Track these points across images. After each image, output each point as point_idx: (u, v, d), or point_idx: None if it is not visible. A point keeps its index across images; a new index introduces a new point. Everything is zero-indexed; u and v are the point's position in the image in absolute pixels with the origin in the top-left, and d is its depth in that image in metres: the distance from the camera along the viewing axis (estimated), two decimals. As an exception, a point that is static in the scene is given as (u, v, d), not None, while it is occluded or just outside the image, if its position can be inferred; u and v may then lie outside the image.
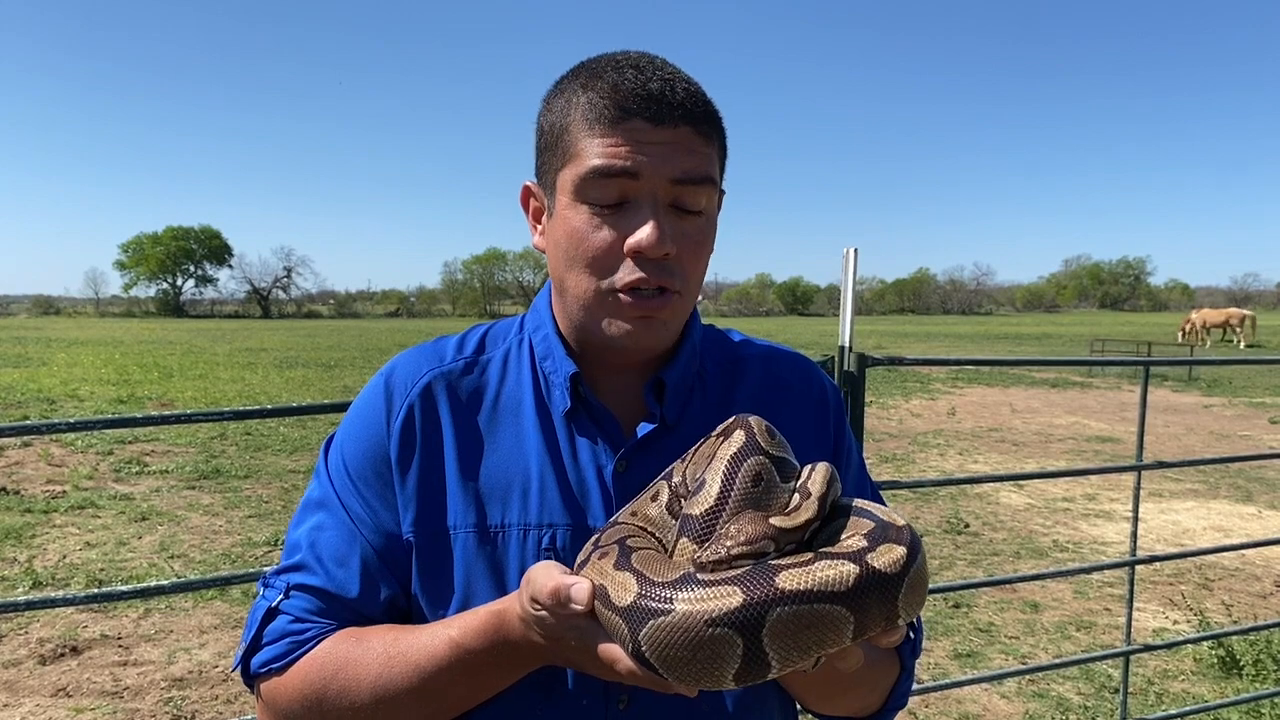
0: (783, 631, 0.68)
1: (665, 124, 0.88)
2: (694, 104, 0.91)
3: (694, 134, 0.91)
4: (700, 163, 0.91)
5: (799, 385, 1.08)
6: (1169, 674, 4.24)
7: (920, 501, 7.42)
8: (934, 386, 16.67)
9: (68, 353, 24.23)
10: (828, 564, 0.70)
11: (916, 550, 0.73)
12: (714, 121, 0.94)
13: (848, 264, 2.03)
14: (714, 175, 0.93)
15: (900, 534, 0.74)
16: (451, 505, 0.94)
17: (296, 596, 0.94)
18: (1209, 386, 17.01)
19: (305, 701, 0.90)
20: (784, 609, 0.67)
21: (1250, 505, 7.63)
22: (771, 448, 0.83)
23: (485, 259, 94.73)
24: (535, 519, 0.93)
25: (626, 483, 0.95)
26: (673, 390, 0.99)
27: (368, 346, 29.40)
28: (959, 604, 5.08)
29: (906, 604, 0.72)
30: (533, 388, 0.99)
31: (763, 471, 0.81)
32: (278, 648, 0.93)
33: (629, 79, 0.89)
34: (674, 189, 0.90)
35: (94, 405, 13.14)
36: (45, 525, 6.59)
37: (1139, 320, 61.68)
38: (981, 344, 33.85)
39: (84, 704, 3.84)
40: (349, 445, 0.99)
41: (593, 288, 0.92)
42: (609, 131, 0.88)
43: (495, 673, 0.86)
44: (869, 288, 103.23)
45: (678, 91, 0.90)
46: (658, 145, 0.88)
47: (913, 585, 0.72)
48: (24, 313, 77.92)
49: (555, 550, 0.92)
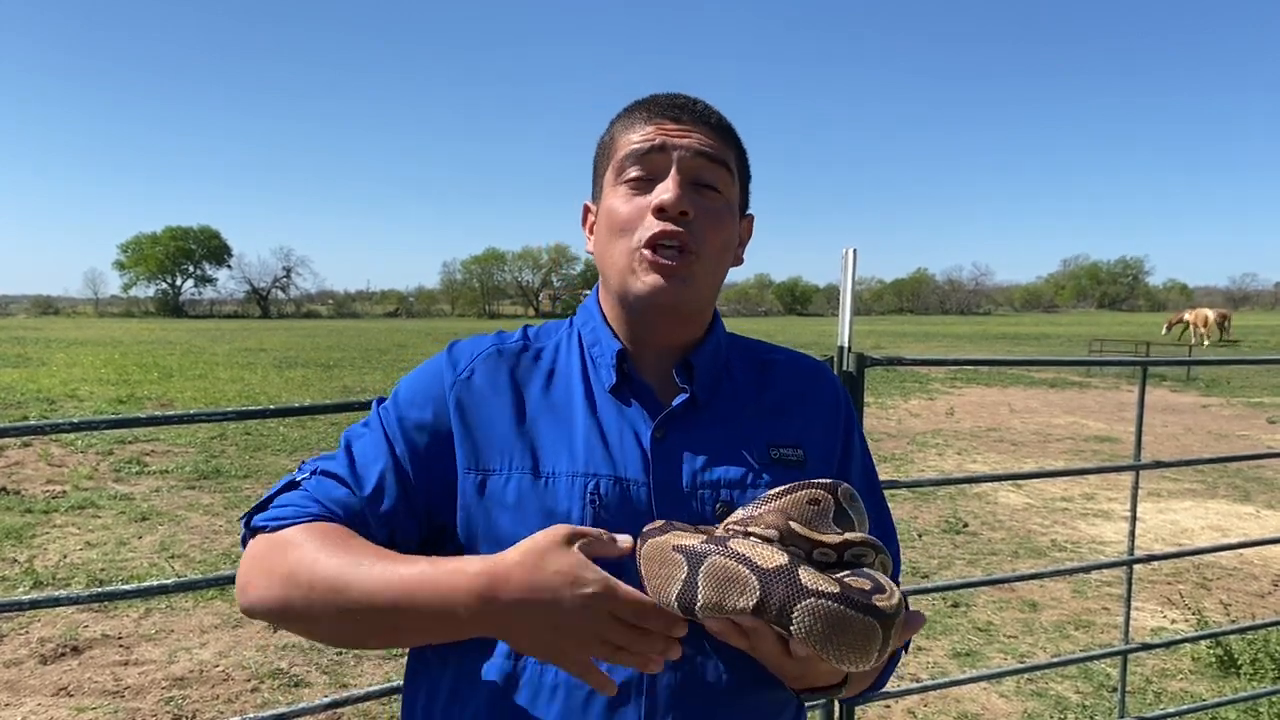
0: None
1: (686, 122, 1.09)
2: (711, 116, 1.11)
3: (711, 133, 1.10)
4: (717, 150, 1.09)
5: (816, 387, 1.21)
6: (1167, 673, 4.25)
7: (919, 501, 7.43)
8: (933, 386, 16.68)
9: (67, 353, 24.22)
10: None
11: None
12: (729, 136, 1.13)
13: (847, 264, 2.04)
14: (729, 162, 1.11)
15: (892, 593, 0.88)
16: (509, 451, 1.06)
17: (318, 480, 1.06)
18: (1207, 386, 17.03)
19: (262, 562, 1.00)
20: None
21: (1248, 505, 7.65)
22: (842, 496, 0.96)
23: (484, 259, 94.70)
24: (583, 468, 1.04)
25: (663, 449, 1.07)
26: (701, 370, 1.13)
27: (367, 346, 29.40)
28: (958, 603, 5.09)
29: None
30: (581, 369, 1.13)
31: (823, 502, 0.94)
32: (280, 512, 1.04)
33: (660, 98, 1.12)
34: (694, 162, 1.07)
35: (93, 405, 13.14)
36: (45, 525, 6.59)
37: (1137, 320, 61.70)
38: (980, 344, 33.87)
39: (85, 703, 3.85)
40: (404, 392, 1.12)
41: (625, 249, 1.08)
42: (641, 127, 1.09)
43: (434, 626, 0.93)
44: (868, 288, 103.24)
45: (699, 105, 1.12)
46: (680, 132, 1.08)
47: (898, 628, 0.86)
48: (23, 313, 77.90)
49: (599, 495, 1.03)
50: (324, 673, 4.16)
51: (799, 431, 1.14)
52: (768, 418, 1.13)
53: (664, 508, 1.03)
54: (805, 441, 1.13)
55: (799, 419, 1.15)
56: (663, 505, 1.03)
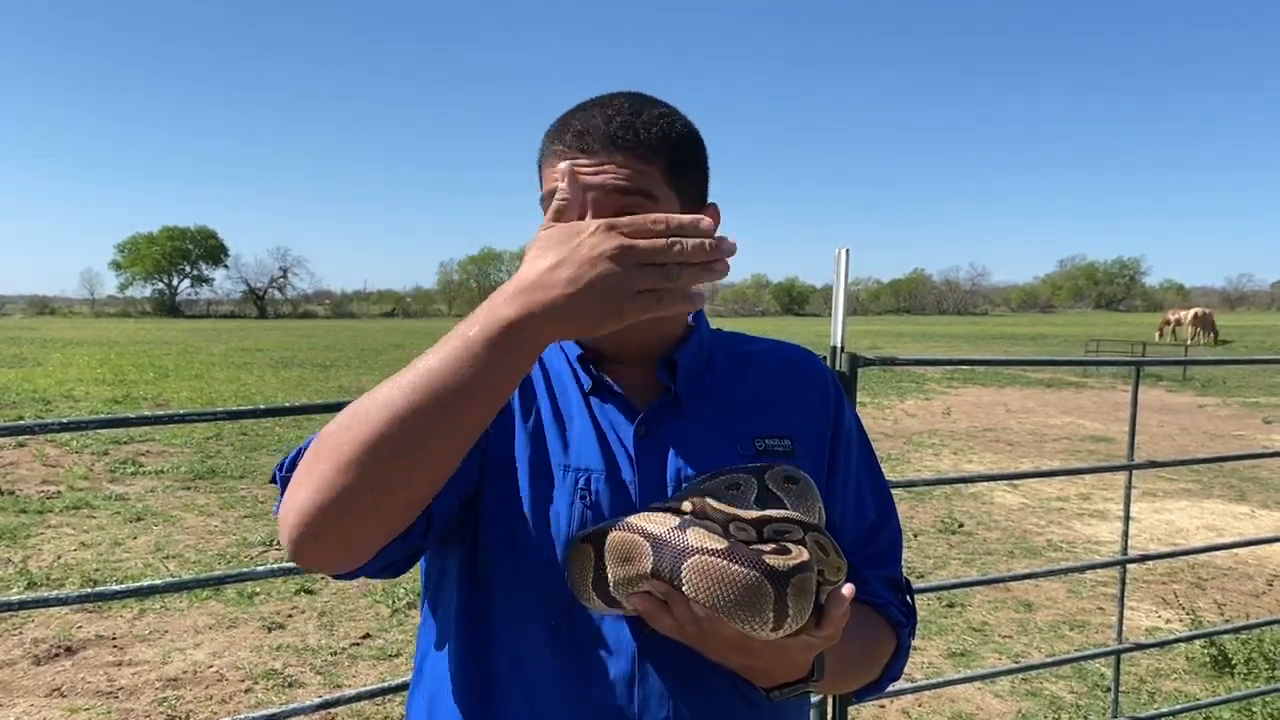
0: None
1: (597, 152, 1.03)
2: (628, 133, 1.03)
3: (628, 157, 1.03)
4: (633, 179, 1.02)
5: (802, 372, 1.19)
6: (1162, 672, 4.26)
7: (915, 501, 7.44)
8: (929, 387, 16.71)
9: (63, 353, 24.18)
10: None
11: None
12: (653, 146, 1.05)
13: (839, 265, 2.04)
14: (649, 189, 1.04)
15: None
16: (519, 444, 1.07)
17: None
18: (1203, 386, 17.07)
19: (298, 473, 0.90)
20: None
21: (1243, 505, 7.67)
22: (771, 479, 0.98)
23: (481, 259, 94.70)
24: (575, 462, 1.06)
25: (647, 446, 1.07)
26: (684, 369, 1.11)
27: (364, 347, 29.38)
28: (953, 603, 5.10)
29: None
30: (570, 368, 1.14)
31: (744, 485, 0.97)
32: (304, 445, 0.95)
33: (577, 119, 1.05)
34: (609, 201, 1.01)
35: (89, 405, 13.12)
36: (40, 525, 6.58)
37: (1134, 321, 61.80)
38: (977, 344, 33.93)
39: (78, 704, 3.84)
40: None
41: None
42: (555, 162, 1.04)
43: (490, 357, 0.84)
44: (864, 288, 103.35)
45: (613, 125, 1.03)
46: (592, 168, 1.02)
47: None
48: (19, 313, 77.73)
49: (589, 490, 1.04)
50: (317, 673, 4.16)
51: (786, 421, 1.13)
52: (753, 409, 1.13)
53: (650, 503, 1.02)
54: (794, 430, 1.12)
55: (785, 408, 1.14)
56: (648, 502, 1.03)
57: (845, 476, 1.17)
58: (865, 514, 1.19)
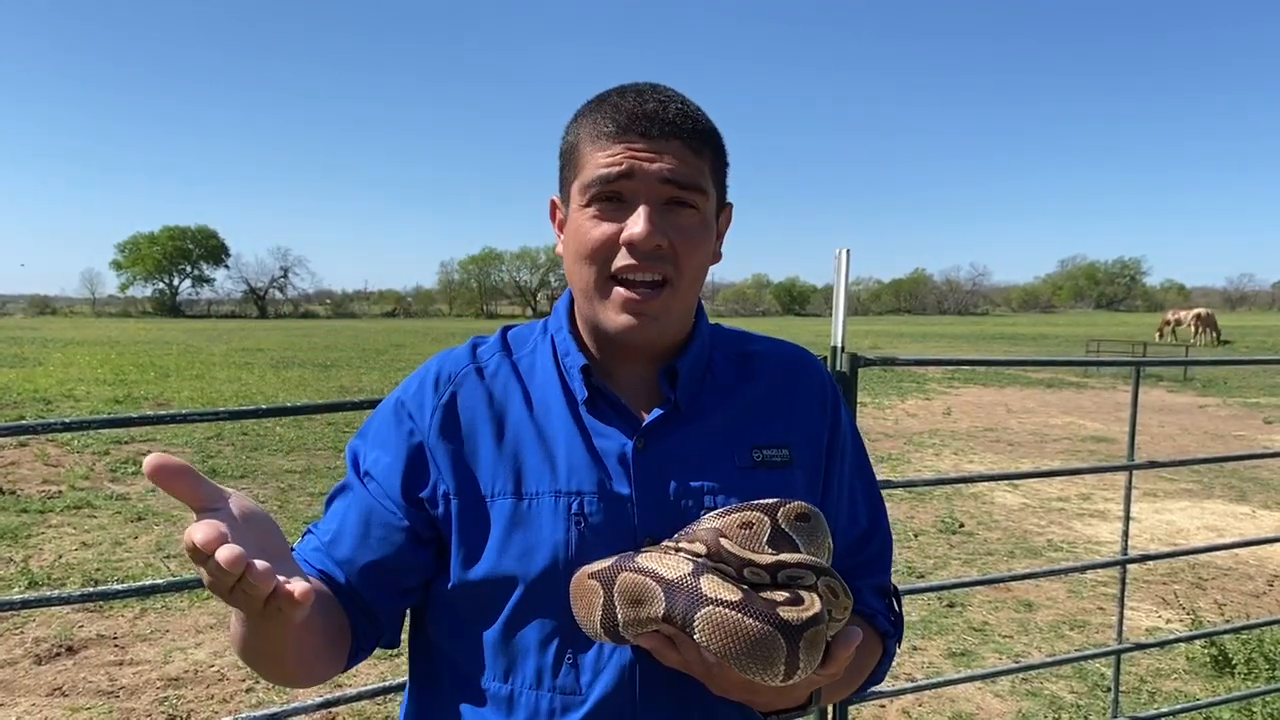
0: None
1: (656, 138, 1.01)
2: (684, 122, 1.02)
3: (683, 147, 1.02)
4: (688, 170, 1.02)
5: (801, 377, 1.17)
6: (1162, 672, 4.26)
7: (915, 501, 7.44)
8: (930, 387, 16.70)
9: (64, 353, 24.18)
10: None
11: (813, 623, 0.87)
12: (705, 137, 1.05)
13: (839, 265, 2.04)
14: (701, 184, 1.04)
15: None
16: (491, 475, 1.04)
17: (307, 538, 1.11)
18: (1204, 387, 17.06)
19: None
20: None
21: (1244, 505, 7.66)
22: (784, 518, 0.95)
23: (481, 259, 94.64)
24: (565, 486, 1.02)
25: (645, 459, 1.05)
26: (685, 377, 1.09)
27: (364, 347, 29.37)
28: (953, 603, 5.10)
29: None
30: (558, 379, 1.09)
31: (757, 525, 0.94)
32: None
33: (629, 101, 1.03)
34: (664, 188, 1.01)
35: (90, 405, 13.12)
36: (41, 525, 6.58)
37: (1135, 321, 61.77)
38: (977, 344, 33.91)
39: (79, 703, 3.85)
40: (373, 433, 1.12)
41: (592, 276, 1.03)
42: (609, 145, 1.01)
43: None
44: (865, 288, 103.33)
45: (670, 111, 1.02)
46: (649, 153, 1.01)
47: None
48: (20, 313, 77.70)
49: (583, 514, 1.01)
50: (319, 673, 4.16)
51: (784, 429, 1.11)
52: (751, 417, 1.11)
53: (648, 520, 1.02)
54: (791, 439, 1.11)
55: (783, 415, 1.12)
56: (647, 517, 1.02)
57: (840, 483, 1.16)
58: (858, 521, 1.19)
